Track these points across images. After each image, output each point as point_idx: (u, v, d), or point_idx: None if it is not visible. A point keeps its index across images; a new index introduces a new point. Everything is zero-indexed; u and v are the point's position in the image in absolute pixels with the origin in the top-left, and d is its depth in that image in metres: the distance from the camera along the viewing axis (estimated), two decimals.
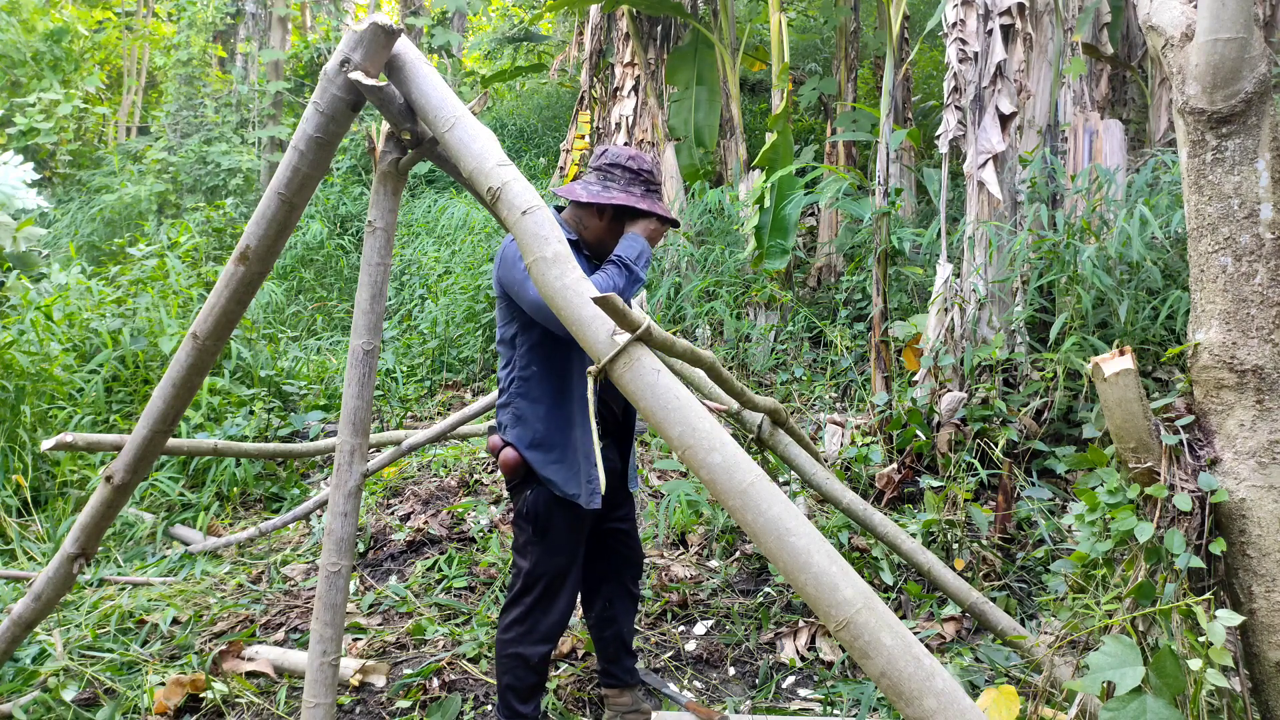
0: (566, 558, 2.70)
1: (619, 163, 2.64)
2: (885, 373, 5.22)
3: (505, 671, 2.71)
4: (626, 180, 2.63)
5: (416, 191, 12.98)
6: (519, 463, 2.62)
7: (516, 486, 2.69)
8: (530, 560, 2.67)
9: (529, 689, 2.72)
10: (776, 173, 6.78)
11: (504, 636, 2.72)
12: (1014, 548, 3.92)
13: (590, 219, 2.66)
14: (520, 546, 2.71)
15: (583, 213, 2.66)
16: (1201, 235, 2.21)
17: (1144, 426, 2.20)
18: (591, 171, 2.67)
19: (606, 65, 9.73)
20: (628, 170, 2.63)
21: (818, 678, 3.37)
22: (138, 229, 12.36)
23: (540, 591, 2.68)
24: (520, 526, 2.70)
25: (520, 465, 2.62)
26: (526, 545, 2.69)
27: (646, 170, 2.66)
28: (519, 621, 2.70)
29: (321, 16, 18.75)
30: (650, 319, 1.87)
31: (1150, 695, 1.96)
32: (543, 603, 2.69)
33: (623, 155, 2.65)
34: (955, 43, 4.79)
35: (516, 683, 2.70)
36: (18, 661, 3.41)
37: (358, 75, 2.22)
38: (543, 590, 2.68)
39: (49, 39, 15.96)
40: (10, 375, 5.25)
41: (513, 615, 2.70)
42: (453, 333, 8.25)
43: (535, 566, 2.67)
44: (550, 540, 2.66)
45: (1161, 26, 2.27)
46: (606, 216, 2.64)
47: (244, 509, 5.41)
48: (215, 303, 2.49)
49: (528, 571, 2.68)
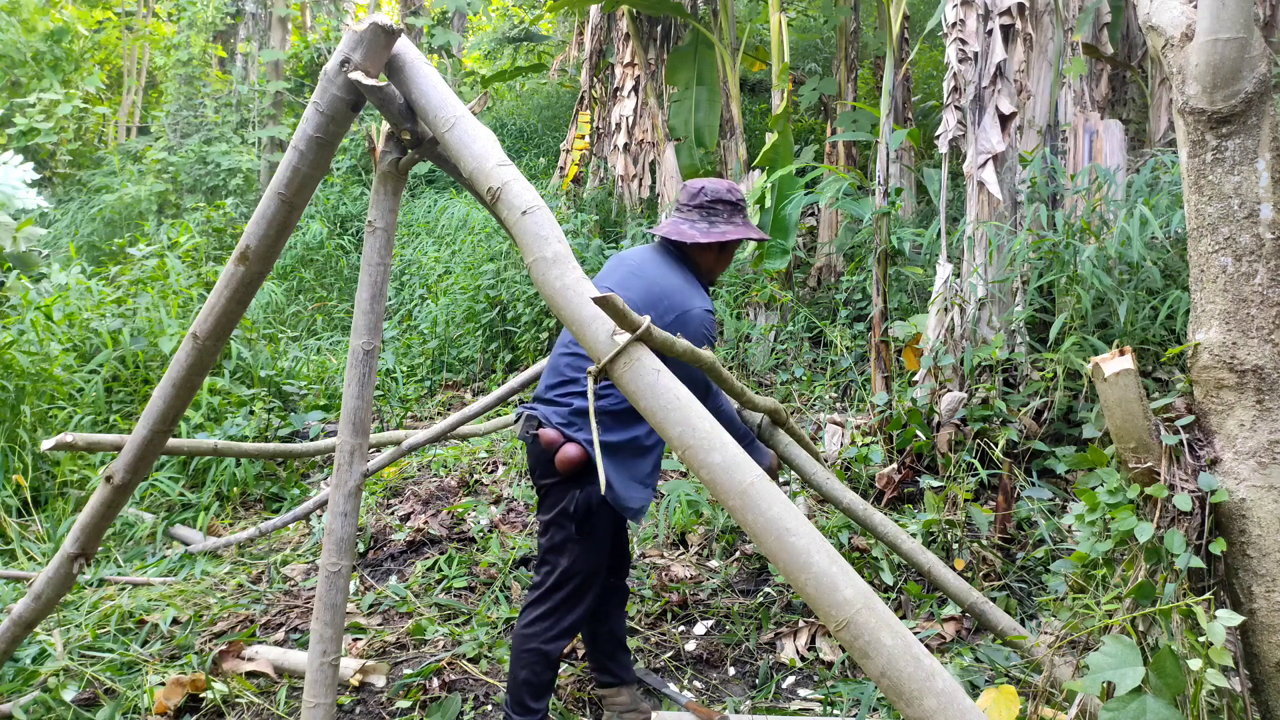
0: (601, 557, 2.77)
1: (720, 198, 2.85)
2: (885, 373, 5.22)
3: (524, 666, 2.73)
4: (729, 212, 2.86)
5: (416, 191, 12.99)
6: (581, 459, 2.63)
7: (563, 484, 2.69)
8: (569, 558, 2.71)
9: (544, 685, 2.75)
10: (776, 173, 6.78)
11: (527, 631, 2.74)
12: (1014, 548, 3.92)
13: (702, 254, 2.87)
14: (559, 544, 2.73)
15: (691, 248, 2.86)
16: (1201, 235, 2.21)
17: (1144, 426, 2.20)
18: (691, 210, 2.87)
19: (606, 65, 9.73)
20: (728, 204, 2.86)
21: (818, 678, 3.37)
22: (138, 229, 12.36)
23: (572, 589, 2.73)
24: (561, 525, 2.71)
25: (581, 463, 2.64)
26: (566, 543, 2.71)
27: (742, 199, 2.89)
28: (545, 617, 2.73)
29: (321, 16, 18.75)
30: (650, 319, 1.87)
31: (1150, 695, 1.96)
32: (571, 600, 2.74)
33: (721, 189, 2.86)
34: (955, 43, 4.79)
35: (534, 678, 2.73)
36: (18, 661, 3.41)
37: (358, 75, 2.22)
38: (574, 588, 2.73)
39: (49, 39, 15.95)
40: (10, 375, 5.25)
41: (539, 611, 2.74)
42: (453, 333, 8.25)
43: (573, 564, 2.71)
44: (592, 540, 2.72)
45: (1161, 26, 2.27)
46: (715, 250, 2.87)
47: (244, 509, 5.41)
48: (215, 303, 2.49)
49: (565, 569, 2.71)
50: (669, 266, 2.81)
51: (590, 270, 7.41)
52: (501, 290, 7.82)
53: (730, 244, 2.87)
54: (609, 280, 2.84)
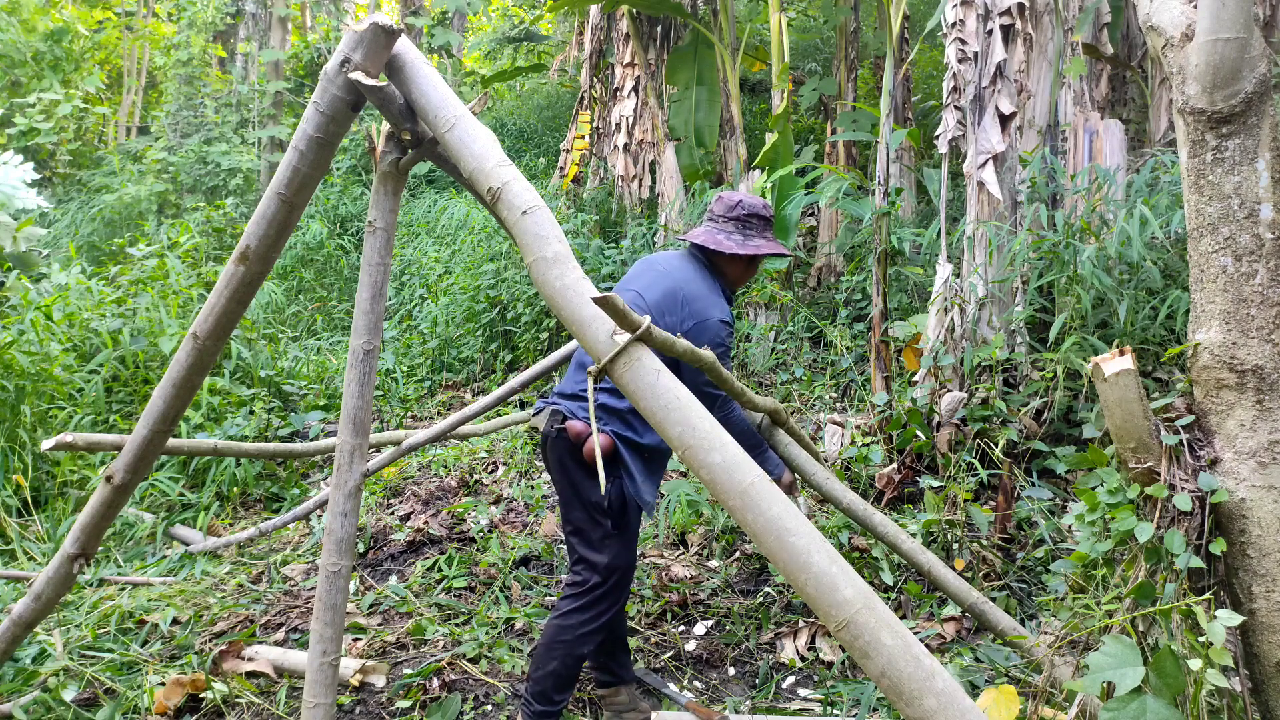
0: (634, 552, 2.86)
1: (756, 213, 2.95)
2: (885, 373, 5.22)
3: (555, 658, 2.76)
4: (762, 227, 2.97)
5: (416, 191, 12.98)
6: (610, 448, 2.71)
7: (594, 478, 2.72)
8: (609, 554, 2.76)
9: (571, 679, 2.80)
10: (776, 173, 6.78)
11: (563, 624, 2.77)
12: (1014, 548, 3.92)
13: (732, 265, 2.97)
14: (597, 541, 2.77)
15: (721, 257, 2.95)
16: (1201, 235, 2.21)
17: (1144, 426, 2.20)
18: (728, 221, 2.96)
19: (606, 65, 9.72)
20: (761, 218, 2.96)
21: (818, 678, 3.37)
22: (138, 229, 12.36)
23: (612, 585, 2.78)
24: (597, 521, 2.76)
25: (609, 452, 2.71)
26: (605, 540, 2.76)
27: (771, 213, 3.02)
28: (584, 611, 2.77)
29: (321, 16, 18.74)
30: (650, 319, 1.87)
31: (1150, 695, 1.96)
32: (611, 595, 2.79)
33: (758, 205, 2.96)
34: (955, 43, 4.79)
35: (564, 670, 2.77)
36: (18, 661, 3.41)
37: (358, 75, 2.22)
38: (615, 583, 2.78)
39: (49, 39, 15.95)
40: (10, 375, 5.25)
41: (578, 605, 2.77)
42: (453, 333, 8.24)
43: (614, 560, 2.76)
44: (628, 534, 2.79)
45: (1161, 26, 2.27)
46: (742, 261, 2.97)
47: (244, 509, 5.40)
48: (215, 303, 2.49)
49: (606, 565, 2.76)
50: (696, 273, 2.90)
51: (590, 270, 7.42)
52: (501, 290, 7.82)
53: (759, 258, 2.97)
54: (637, 283, 2.91)
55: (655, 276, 2.90)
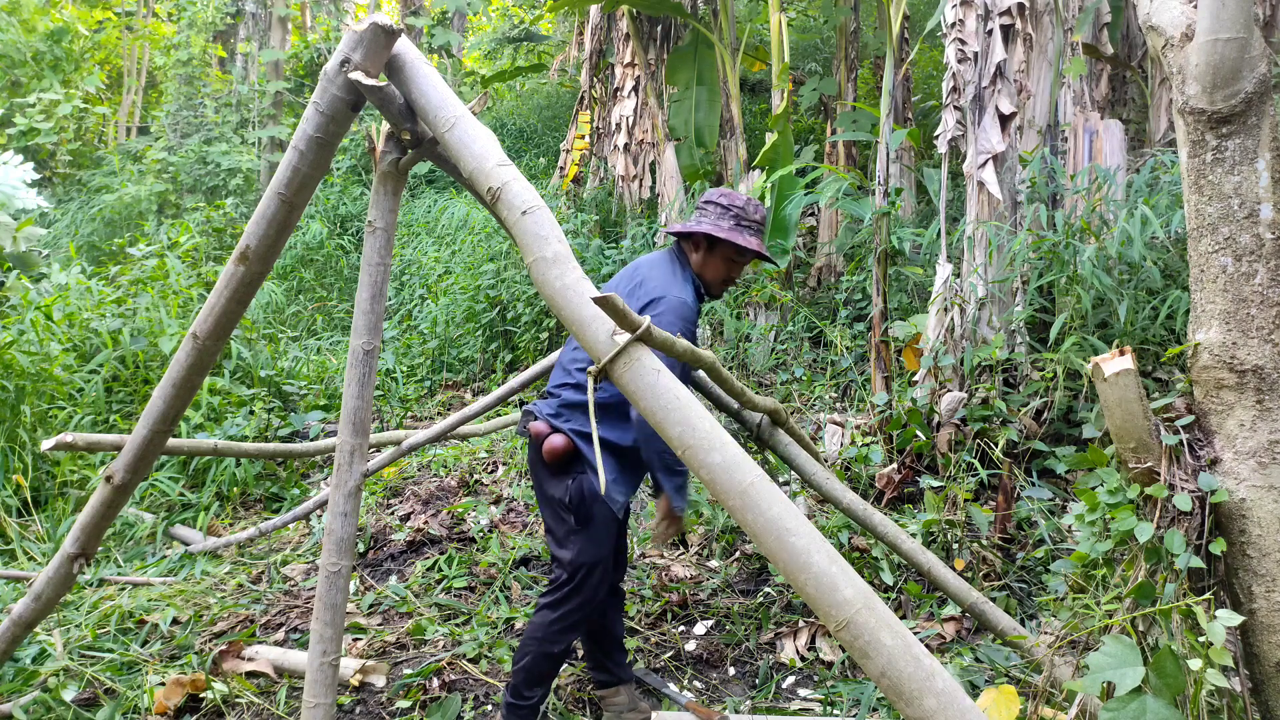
0: (604, 549, 2.80)
1: (710, 199, 2.91)
2: (885, 373, 5.22)
3: (528, 655, 2.79)
4: (717, 214, 2.88)
5: (416, 191, 12.98)
6: (567, 448, 2.71)
7: (558, 474, 2.75)
8: (573, 550, 2.76)
9: (540, 676, 2.81)
10: (776, 173, 6.78)
11: (538, 621, 2.81)
12: (1014, 548, 3.91)
13: (691, 251, 2.93)
14: (561, 538, 2.78)
15: (687, 245, 2.95)
16: (1201, 235, 2.21)
17: (1144, 426, 2.20)
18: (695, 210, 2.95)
19: (606, 65, 9.72)
20: (718, 205, 2.89)
21: (818, 678, 3.37)
22: (138, 229, 12.36)
23: (577, 581, 2.77)
24: (561, 518, 2.77)
25: (568, 451, 2.71)
26: (568, 536, 2.76)
27: (738, 206, 2.88)
28: (552, 609, 2.79)
29: (321, 16, 18.74)
30: (650, 319, 1.87)
31: (1150, 695, 1.96)
32: (575, 593, 2.78)
33: (714, 192, 2.91)
34: (955, 43, 4.79)
35: (534, 666, 2.79)
36: (18, 661, 3.41)
37: (358, 75, 2.22)
38: (580, 580, 2.77)
39: (49, 39, 15.95)
40: (10, 375, 5.25)
41: (550, 601, 2.80)
42: (453, 333, 8.24)
43: (578, 555, 2.75)
44: (592, 530, 2.76)
45: (1161, 26, 2.27)
46: (702, 248, 2.90)
47: (244, 509, 5.40)
48: (215, 303, 2.49)
49: (571, 561, 2.76)
50: (664, 261, 2.91)
51: (590, 270, 7.42)
52: (501, 290, 7.82)
53: (718, 248, 2.88)
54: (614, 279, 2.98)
55: (628, 270, 2.96)
